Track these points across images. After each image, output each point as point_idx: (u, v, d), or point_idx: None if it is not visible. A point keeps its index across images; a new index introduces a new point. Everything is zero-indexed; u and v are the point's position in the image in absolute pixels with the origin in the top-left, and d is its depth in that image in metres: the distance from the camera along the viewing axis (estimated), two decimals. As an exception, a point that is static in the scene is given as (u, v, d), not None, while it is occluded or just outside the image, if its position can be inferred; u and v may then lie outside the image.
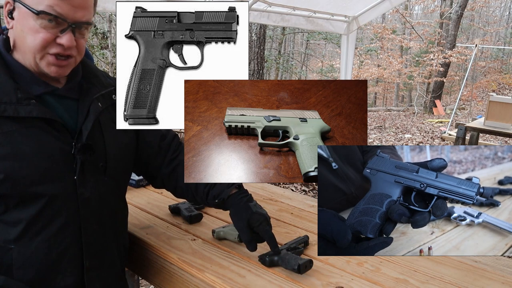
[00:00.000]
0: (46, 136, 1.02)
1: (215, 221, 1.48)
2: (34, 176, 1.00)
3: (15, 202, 1.01)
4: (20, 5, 0.98)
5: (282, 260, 1.15)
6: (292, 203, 1.70)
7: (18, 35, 1.01)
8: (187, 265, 1.18)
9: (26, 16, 0.98)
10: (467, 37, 22.97)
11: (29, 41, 0.99)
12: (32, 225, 1.02)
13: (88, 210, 1.09)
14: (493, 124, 5.19)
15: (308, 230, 1.43)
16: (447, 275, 1.16)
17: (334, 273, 1.15)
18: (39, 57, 1.01)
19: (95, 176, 1.11)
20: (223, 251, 1.26)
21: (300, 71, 16.00)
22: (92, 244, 1.11)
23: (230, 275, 1.13)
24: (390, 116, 14.78)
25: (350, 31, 5.46)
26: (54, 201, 1.03)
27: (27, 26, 0.98)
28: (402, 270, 1.18)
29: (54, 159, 1.03)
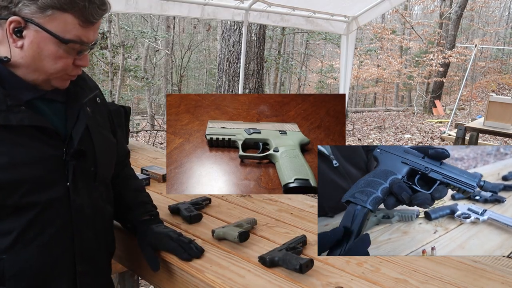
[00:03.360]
0: (37, 143, 1.00)
1: (214, 221, 1.48)
2: (28, 185, 0.98)
3: (8, 212, 0.98)
4: (37, 27, 0.94)
5: (282, 260, 1.15)
6: (292, 203, 1.70)
7: (29, 56, 0.96)
8: (187, 265, 1.18)
9: (47, 41, 0.95)
10: (467, 37, 22.97)
11: (48, 65, 0.98)
12: (24, 234, 1.00)
13: (81, 216, 1.09)
14: (492, 124, 5.19)
15: (308, 230, 1.43)
16: (447, 275, 1.16)
17: (334, 273, 1.15)
18: (55, 78, 1.02)
19: (86, 182, 1.10)
20: (222, 251, 1.26)
21: (300, 71, 15.99)
22: (85, 250, 1.11)
23: (230, 275, 1.13)
24: (390, 116, 14.78)
25: (349, 31, 5.46)
26: (47, 209, 1.02)
27: (48, 51, 0.96)
28: (401, 270, 1.18)
29: (46, 166, 1.01)
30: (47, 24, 0.94)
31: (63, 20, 0.95)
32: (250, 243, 1.32)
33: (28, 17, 0.93)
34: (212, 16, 4.27)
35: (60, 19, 0.94)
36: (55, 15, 0.94)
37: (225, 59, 6.49)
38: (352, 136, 9.89)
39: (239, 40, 6.24)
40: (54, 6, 0.93)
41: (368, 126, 12.04)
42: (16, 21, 0.93)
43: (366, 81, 18.40)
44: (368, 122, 13.59)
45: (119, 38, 8.93)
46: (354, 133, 10.36)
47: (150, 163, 2.13)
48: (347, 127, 11.00)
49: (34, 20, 0.93)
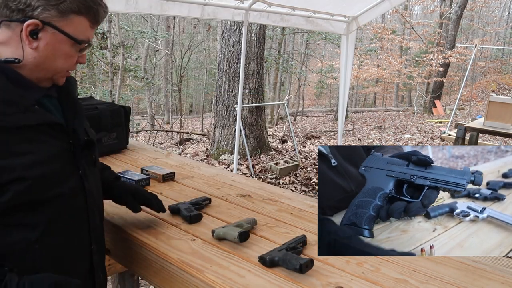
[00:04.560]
0: (52, 139, 1.07)
1: (214, 221, 1.48)
2: (54, 178, 1.05)
3: (37, 206, 1.03)
4: (54, 30, 1.00)
5: (282, 260, 1.15)
6: (292, 203, 1.70)
7: (43, 56, 1.02)
8: (187, 265, 1.18)
9: (62, 42, 1.03)
10: (467, 37, 22.96)
11: (59, 64, 1.06)
12: (52, 223, 1.06)
13: (91, 199, 1.18)
14: (492, 124, 5.19)
15: (308, 230, 1.43)
16: (447, 275, 1.16)
17: (334, 273, 1.15)
18: (60, 75, 1.10)
19: (90, 168, 1.20)
20: (222, 251, 1.26)
21: (300, 71, 15.96)
22: (95, 230, 1.21)
23: (230, 275, 1.13)
24: (390, 116, 14.78)
25: (349, 31, 5.46)
26: (69, 198, 1.10)
27: (62, 51, 1.04)
28: (401, 270, 1.18)
29: (63, 159, 1.09)
30: (65, 27, 1.01)
31: (79, 23, 1.04)
32: (250, 243, 1.32)
33: (47, 20, 0.99)
34: (212, 16, 4.27)
35: (76, 22, 1.03)
36: (74, 19, 1.02)
37: (225, 59, 6.49)
38: (352, 136, 9.89)
39: (239, 40, 6.24)
40: (73, 10, 1.01)
41: (368, 126, 12.04)
42: (34, 24, 0.98)
43: (366, 81, 18.38)
44: (368, 122, 13.59)
45: (119, 38, 8.92)
46: (354, 133, 10.36)
47: (150, 163, 2.13)
48: (347, 127, 11.00)
49: (52, 23, 1.00)
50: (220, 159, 6.36)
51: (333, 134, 9.90)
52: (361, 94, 23.51)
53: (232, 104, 6.40)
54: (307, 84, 18.44)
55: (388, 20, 21.39)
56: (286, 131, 9.73)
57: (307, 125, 12.95)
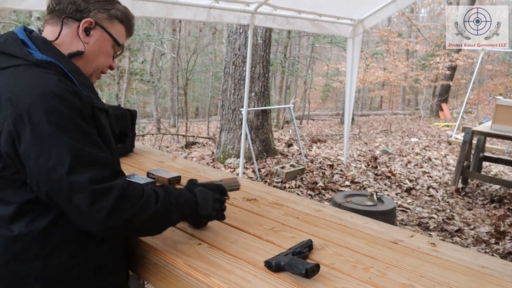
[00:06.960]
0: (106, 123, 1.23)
1: (220, 225, 1.48)
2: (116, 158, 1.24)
3: None
4: (103, 30, 1.20)
5: (288, 265, 1.15)
6: (297, 208, 1.69)
7: (91, 51, 1.20)
8: (193, 269, 1.18)
9: (107, 41, 1.22)
10: (474, 40, 22.81)
11: (102, 61, 1.24)
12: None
13: None
14: (500, 128, 5.15)
15: (314, 234, 1.42)
16: (454, 281, 1.14)
17: (340, 278, 1.14)
18: (97, 73, 1.27)
19: None
20: (228, 256, 1.26)
21: (306, 75, 15.96)
22: None
23: (236, 279, 1.13)
24: (396, 120, 14.73)
25: (356, 34, 5.46)
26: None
27: (105, 49, 1.23)
28: (408, 275, 1.17)
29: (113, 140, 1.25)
30: (111, 29, 1.22)
31: (120, 30, 1.26)
32: (255, 247, 1.31)
33: (99, 21, 1.20)
34: (218, 19, 4.28)
35: (118, 28, 1.25)
36: (117, 25, 1.24)
37: (231, 63, 6.50)
38: (359, 139, 9.86)
39: (245, 43, 6.25)
40: (118, 18, 1.23)
41: (374, 130, 12.00)
42: (89, 22, 1.18)
43: (372, 85, 18.33)
44: (374, 125, 13.55)
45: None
46: (360, 137, 10.33)
47: (156, 167, 2.13)
48: (353, 130, 10.97)
49: (102, 24, 1.20)
50: (226, 163, 6.36)
51: (339, 138, 9.88)
52: (367, 98, 23.46)
53: (238, 107, 6.40)
54: (313, 87, 18.43)
55: (394, 23, 21.32)
56: (292, 135, 9.72)
57: (313, 129, 12.94)
